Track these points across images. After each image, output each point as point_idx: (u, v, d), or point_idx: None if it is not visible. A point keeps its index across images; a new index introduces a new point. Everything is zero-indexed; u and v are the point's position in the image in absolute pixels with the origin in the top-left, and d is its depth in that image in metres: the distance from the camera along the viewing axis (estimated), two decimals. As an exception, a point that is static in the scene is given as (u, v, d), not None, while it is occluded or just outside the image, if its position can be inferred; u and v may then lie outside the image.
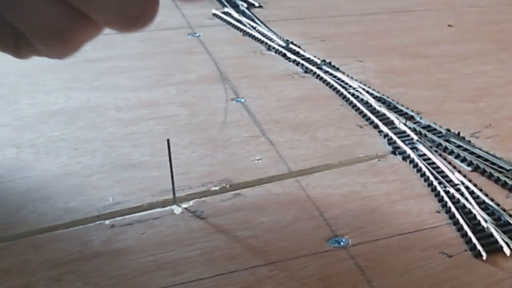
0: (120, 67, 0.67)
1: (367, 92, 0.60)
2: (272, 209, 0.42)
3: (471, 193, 0.43)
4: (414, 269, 0.36)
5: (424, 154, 0.49)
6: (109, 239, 0.38)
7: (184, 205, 0.42)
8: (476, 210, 0.41)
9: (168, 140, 0.42)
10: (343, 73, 0.65)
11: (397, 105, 0.58)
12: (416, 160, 0.47)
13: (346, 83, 0.62)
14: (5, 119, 0.55)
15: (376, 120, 0.54)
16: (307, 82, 0.64)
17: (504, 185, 0.45)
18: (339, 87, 0.61)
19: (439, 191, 0.44)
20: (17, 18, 0.22)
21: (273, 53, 0.72)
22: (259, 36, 0.76)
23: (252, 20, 0.82)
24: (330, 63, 0.68)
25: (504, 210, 0.42)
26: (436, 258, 0.37)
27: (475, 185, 0.45)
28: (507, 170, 0.46)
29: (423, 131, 0.52)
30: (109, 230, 0.39)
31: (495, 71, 0.68)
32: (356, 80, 0.63)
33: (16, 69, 0.64)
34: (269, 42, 0.74)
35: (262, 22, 0.82)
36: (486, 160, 0.48)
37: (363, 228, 0.40)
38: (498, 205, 0.42)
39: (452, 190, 0.43)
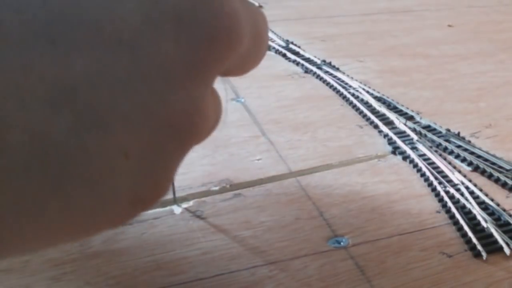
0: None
1: (367, 92, 0.60)
2: (272, 209, 0.42)
3: (471, 193, 0.43)
4: (414, 269, 0.36)
5: (424, 154, 0.49)
6: (109, 239, 0.38)
7: (184, 205, 0.42)
8: (476, 210, 0.41)
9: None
10: (343, 73, 0.65)
11: (397, 105, 0.58)
12: (416, 160, 0.47)
13: (346, 83, 0.62)
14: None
15: (376, 120, 0.54)
16: (307, 82, 0.64)
17: (504, 185, 0.45)
18: (339, 87, 0.61)
19: (439, 191, 0.44)
20: None
21: (273, 53, 0.72)
22: (259, 36, 0.76)
23: (252, 20, 0.82)
24: (330, 63, 0.68)
25: (504, 210, 0.42)
26: (436, 258, 0.37)
27: (475, 185, 0.45)
28: (507, 170, 0.46)
29: (423, 131, 0.52)
30: (109, 230, 0.39)
31: (495, 71, 0.69)
32: (356, 80, 0.63)
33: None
34: (270, 43, 0.74)
35: (262, 22, 0.82)
36: (486, 160, 0.48)
37: (363, 228, 0.40)
38: (498, 205, 0.42)
39: (452, 190, 0.43)
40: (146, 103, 0.19)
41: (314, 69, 0.66)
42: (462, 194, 0.43)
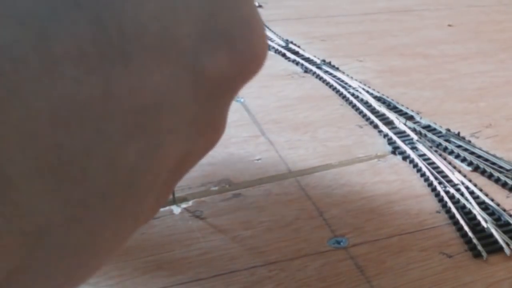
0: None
1: (367, 92, 0.60)
2: (272, 209, 0.42)
3: (471, 193, 0.43)
4: (413, 269, 0.36)
5: (424, 154, 0.49)
6: (108, 239, 0.38)
7: (184, 205, 0.42)
8: (476, 210, 0.41)
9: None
10: (343, 73, 0.65)
11: (397, 105, 0.58)
12: (416, 160, 0.47)
13: (346, 83, 0.62)
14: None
15: (376, 120, 0.54)
16: (307, 82, 0.64)
17: (504, 185, 0.45)
18: (339, 87, 0.61)
19: (439, 191, 0.44)
20: None
21: (272, 53, 0.72)
22: (259, 36, 0.76)
23: (252, 20, 0.82)
24: (330, 63, 0.68)
25: (504, 210, 0.42)
26: (436, 258, 0.37)
27: (475, 185, 0.45)
28: (507, 170, 0.46)
29: (423, 131, 0.52)
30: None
31: (495, 71, 0.68)
32: (356, 80, 0.63)
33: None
34: (269, 42, 0.74)
35: (262, 22, 0.82)
36: (486, 160, 0.48)
37: (363, 228, 0.40)
38: (498, 205, 0.42)
39: (452, 190, 0.43)
40: (195, 119, 0.21)
41: (314, 69, 0.66)
42: (462, 194, 0.43)
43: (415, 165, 0.47)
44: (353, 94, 0.59)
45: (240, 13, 0.21)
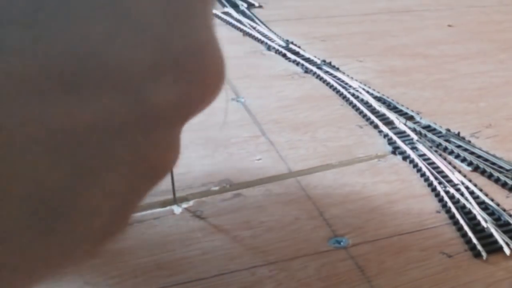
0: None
1: (367, 92, 0.60)
2: (272, 209, 0.42)
3: (471, 193, 0.43)
4: (413, 269, 0.36)
5: (424, 154, 0.49)
6: (109, 239, 0.38)
7: (184, 205, 0.42)
8: (476, 210, 0.41)
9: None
10: (343, 73, 0.65)
11: (397, 105, 0.58)
12: (416, 160, 0.47)
13: (346, 83, 0.62)
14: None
15: (376, 120, 0.54)
16: (307, 82, 0.64)
17: (504, 185, 0.45)
18: (339, 87, 0.61)
19: (439, 191, 0.44)
20: None
21: (273, 53, 0.72)
22: (259, 36, 0.76)
23: (252, 20, 0.82)
24: (330, 63, 0.68)
25: (504, 210, 0.42)
26: (436, 258, 0.37)
27: (475, 185, 0.45)
28: (507, 170, 0.46)
29: (423, 131, 0.52)
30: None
31: (495, 71, 0.68)
32: (356, 80, 0.63)
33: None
34: (269, 42, 0.74)
35: (262, 22, 0.82)
36: (486, 160, 0.48)
37: (363, 228, 0.40)
38: (498, 205, 0.42)
39: (452, 190, 0.43)
40: (140, 149, 0.20)
41: (314, 69, 0.66)
42: (462, 194, 0.43)
43: (415, 165, 0.47)
44: (353, 94, 0.59)
45: (195, 41, 0.21)
